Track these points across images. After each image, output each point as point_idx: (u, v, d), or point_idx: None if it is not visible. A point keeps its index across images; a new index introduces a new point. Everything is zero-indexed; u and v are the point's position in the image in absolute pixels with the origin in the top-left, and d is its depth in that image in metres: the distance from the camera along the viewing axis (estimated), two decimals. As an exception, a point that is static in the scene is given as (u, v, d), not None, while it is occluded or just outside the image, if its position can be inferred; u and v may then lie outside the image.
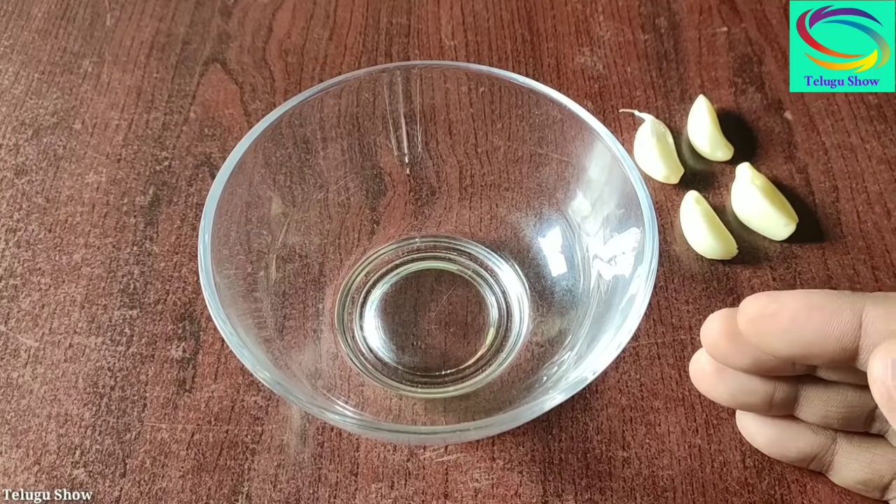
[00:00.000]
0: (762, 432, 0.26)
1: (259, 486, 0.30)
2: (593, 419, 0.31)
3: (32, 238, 0.36)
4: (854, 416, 0.25)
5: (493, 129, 0.33)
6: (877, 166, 0.39)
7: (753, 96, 0.42)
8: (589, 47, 0.45)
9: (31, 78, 0.43)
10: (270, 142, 0.30)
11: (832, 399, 0.25)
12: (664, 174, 0.37)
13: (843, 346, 0.21)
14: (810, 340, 0.21)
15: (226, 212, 0.28)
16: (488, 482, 0.30)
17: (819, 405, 0.25)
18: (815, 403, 0.25)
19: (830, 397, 0.25)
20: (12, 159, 0.39)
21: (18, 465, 0.30)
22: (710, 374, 0.25)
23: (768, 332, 0.22)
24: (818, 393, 0.25)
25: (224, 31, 0.45)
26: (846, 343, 0.21)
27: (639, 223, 0.27)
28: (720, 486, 0.29)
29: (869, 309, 0.21)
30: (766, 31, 0.45)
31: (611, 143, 0.28)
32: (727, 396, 0.25)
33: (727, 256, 0.35)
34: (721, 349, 0.24)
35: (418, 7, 0.47)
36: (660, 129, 0.39)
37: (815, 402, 0.25)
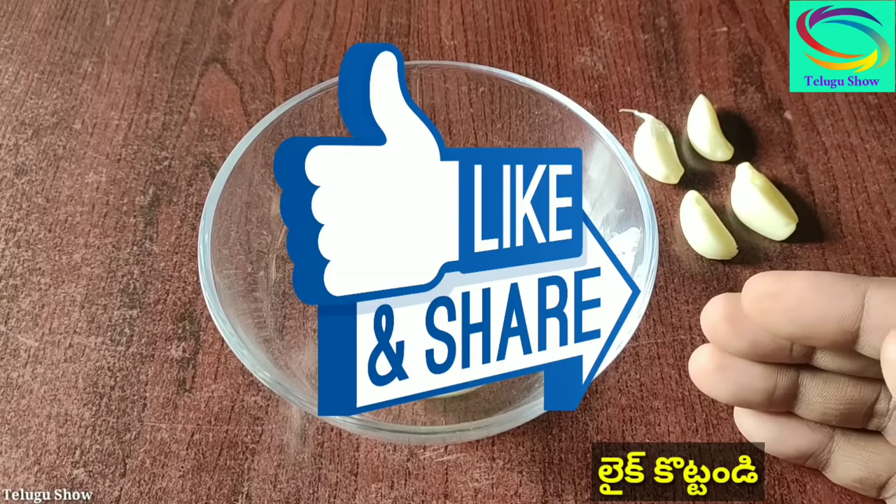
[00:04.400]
0: (760, 429, 0.26)
1: (259, 485, 0.30)
2: (593, 419, 0.31)
3: (32, 238, 0.36)
4: (853, 412, 0.25)
5: (492, 129, 0.33)
6: (877, 166, 0.39)
7: (753, 96, 0.42)
8: (589, 47, 0.45)
9: (31, 78, 0.43)
10: (270, 142, 0.30)
11: (831, 395, 0.25)
12: (664, 174, 0.37)
13: (845, 327, 0.21)
14: (813, 321, 0.22)
15: (226, 212, 0.28)
16: (488, 482, 0.30)
17: (818, 401, 0.25)
18: (814, 400, 0.25)
19: (829, 393, 0.25)
20: (12, 159, 0.39)
21: (18, 464, 0.30)
22: (711, 372, 0.25)
23: (772, 310, 0.22)
24: (817, 389, 0.25)
25: (224, 31, 0.45)
26: (847, 325, 0.21)
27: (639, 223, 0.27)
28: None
29: (872, 292, 0.21)
30: (766, 31, 0.45)
31: (610, 143, 0.28)
32: (728, 394, 0.25)
33: (727, 256, 0.35)
34: (720, 332, 0.24)
35: (418, 7, 0.47)
36: (659, 129, 0.39)
37: (814, 398, 0.25)
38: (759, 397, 0.25)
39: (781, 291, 0.22)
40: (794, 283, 0.22)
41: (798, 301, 0.22)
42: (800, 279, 0.22)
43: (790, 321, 0.22)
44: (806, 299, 0.21)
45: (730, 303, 0.24)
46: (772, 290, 0.22)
